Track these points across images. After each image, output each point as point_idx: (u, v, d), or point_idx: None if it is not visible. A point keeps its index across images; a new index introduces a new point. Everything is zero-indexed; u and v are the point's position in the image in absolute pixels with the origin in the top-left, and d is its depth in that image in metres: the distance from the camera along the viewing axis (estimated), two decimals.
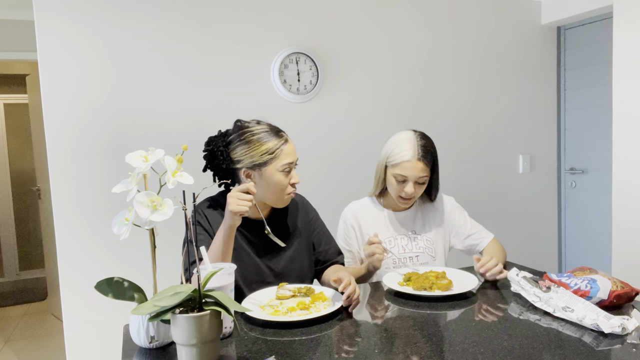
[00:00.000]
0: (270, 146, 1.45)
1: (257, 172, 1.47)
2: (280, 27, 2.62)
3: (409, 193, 1.70)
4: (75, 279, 2.27)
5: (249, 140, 1.46)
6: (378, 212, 1.85)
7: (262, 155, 1.45)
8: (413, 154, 1.68)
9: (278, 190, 1.49)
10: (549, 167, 3.39)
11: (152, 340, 1.13)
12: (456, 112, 3.07)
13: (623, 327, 1.13)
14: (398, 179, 1.71)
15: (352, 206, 1.88)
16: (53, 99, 2.22)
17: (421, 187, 1.74)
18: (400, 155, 1.70)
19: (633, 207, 2.47)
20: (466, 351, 1.08)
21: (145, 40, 2.36)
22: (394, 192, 1.75)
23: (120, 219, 1.07)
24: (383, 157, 1.78)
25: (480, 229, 1.87)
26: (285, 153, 1.47)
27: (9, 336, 3.67)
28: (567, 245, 3.41)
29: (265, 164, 1.46)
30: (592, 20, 3.11)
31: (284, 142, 1.48)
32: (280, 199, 1.52)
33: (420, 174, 1.69)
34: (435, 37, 2.98)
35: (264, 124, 1.52)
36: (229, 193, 1.38)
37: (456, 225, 1.86)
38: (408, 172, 1.68)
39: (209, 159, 1.53)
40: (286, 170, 1.48)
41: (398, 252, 1.79)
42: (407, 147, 1.70)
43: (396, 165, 1.70)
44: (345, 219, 1.86)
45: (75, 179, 2.26)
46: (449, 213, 1.87)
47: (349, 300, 1.33)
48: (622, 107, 2.49)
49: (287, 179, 1.49)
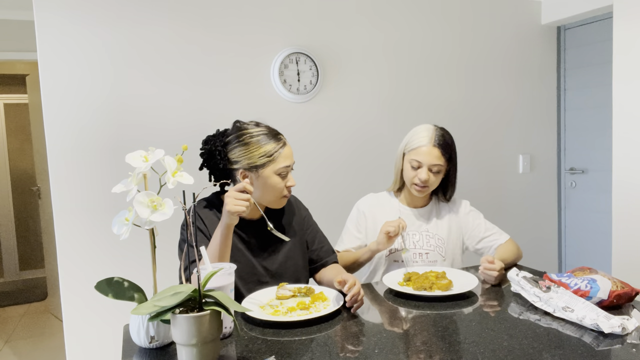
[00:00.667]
0: (269, 149, 1.46)
1: (254, 174, 1.48)
2: (280, 27, 2.62)
3: (422, 179, 1.72)
4: (75, 279, 2.27)
5: (247, 142, 1.47)
6: (393, 207, 1.87)
7: (260, 158, 1.46)
8: (429, 140, 1.72)
9: (274, 193, 1.50)
10: (549, 167, 3.39)
11: (152, 340, 1.13)
12: (456, 112, 3.07)
13: (623, 327, 1.13)
14: (413, 165, 1.74)
15: (368, 197, 1.92)
16: (53, 99, 2.22)
17: (436, 176, 1.75)
18: (417, 141, 1.74)
19: (633, 207, 2.46)
20: (466, 351, 1.08)
21: (145, 41, 2.36)
22: (409, 179, 1.77)
23: (120, 219, 1.07)
24: (401, 146, 1.82)
25: (495, 230, 1.87)
26: (283, 156, 1.48)
27: (9, 336, 3.68)
28: (567, 245, 3.41)
29: (263, 166, 1.46)
30: (592, 20, 3.11)
31: (282, 145, 1.49)
32: (275, 201, 1.53)
33: (435, 161, 1.71)
34: (436, 37, 2.98)
35: (263, 126, 1.53)
36: (226, 193, 1.38)
37: (470, 228, 1.87)
38: (423, 158, 1.71)
39: (206, 158, 1.53)
40: (283, 173, 1.49)
41: (409, 246, 1.80)
42: (424, 134, 1.75)
43: (412, 150, 1.74)
44: (359, 207, 1.89)
45: (75, 179, 2.26)
46: (464, 216, 1.88)
47: (353, 300, 1.33)
48: (622, 107, 2.49)
49: (283, 181, 1.50)
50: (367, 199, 1.91)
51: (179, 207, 1.06)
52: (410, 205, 1.87)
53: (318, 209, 1.79)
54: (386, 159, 2.87)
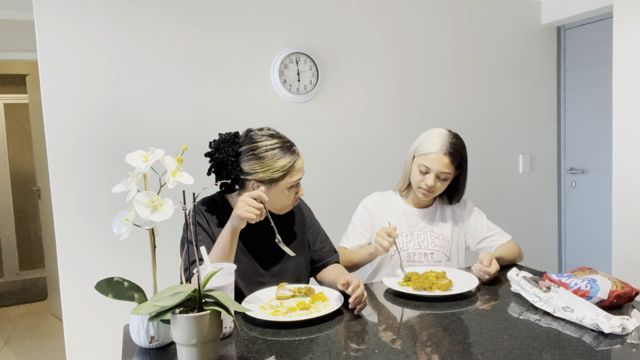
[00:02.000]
0: (284, 164, 1.45)
1: (267, 186, 1.47)
2: (280, 27, 2.62)
3: (429, 185, 1.72)
4: (75, 279, 2.27)
5: (262, 156, 1.45)
6: (399, 206, 1.87)
7: (274, 172, 1.45)
8: (441, 147, 1.72)
9: (284, 202, 1.52)
10: (549, 167, 3.39)
11: (152, 340, 1.13)
12: (456, 112, 3.07)
13: (623, 327, 1.13)
14: (421, 170, 1.74)
15: (374, 195, 1.92)
16: (53, 99, 2.22)
17: (443, 183, 1.75)
18: (429, 146, 1.74)
19: (633, 207, 2.46)
20: (466, 351, 1.08)
21: (145, 41, 2.36)
22: (415, 182, 1.78)
23: (120, 219, 1.07)
24: (412, 148, 1.82)
25: (497, 231, 1.87)
26: (296, 170, 1.49)
27: (9, 336, 3.67)
28: (567, 245, 3.41)
29: (277, 180, 1.46)
30: (592, 20, 3.11)
31: (297, 158, 1.49)
32: (283, 209, 1.55)
33: (444, 169, 1.71)
34: (436, 37, 2.98)
35: (277, 137, 1.49)
36: (240, 197, 1.39)
37: (472, 228, 1.87)
38: (432, 164, 1.71)
39: (216, 166, 1.49)
40: (294, 186, 1.50)
41: (413, 247, 1.80)
42: (436, 140, 1.74)
43: (422, 155, 1.74)
44: (366, 205, 1.89)
45: (75, 179, 2.26)
46: (467, 216, 1.89)
47: (357, 302, 1.33)
48: (622, 107, 2.49)
49: (292, 193, 1.51)
50: (373, 197, 1.91)
51: (179, 207, 1.06)
52: (415, 205, 1.88)
53: (318, 209, 1.79)
54: (386, 159, 2.87)
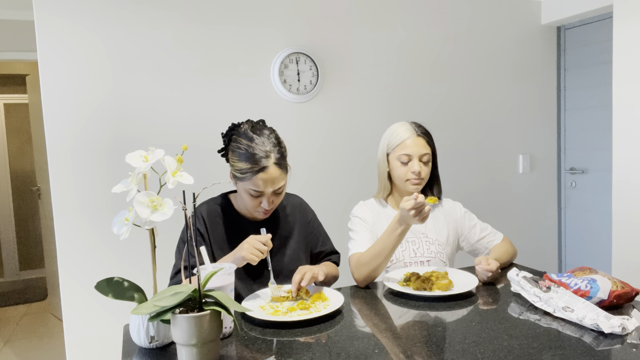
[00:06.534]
0: (241, 167, 1.45)
1: (233, 180, 1.52)
2: (280, 27, 2.62)
3: (416, 170, 1.68)
4: (75, 279, 2.27)
5: (233, 151, 1.49)
6: (387, 213, 1.79)
7: (236, 170, 1.48)
8: (412, 132, 1.72)
9: (246, 205, 1.53)
10: (549, 167, 3.39)
11: (152, 340, 1.13)
12: (456, 112, 3.07)
13: (623, 327, 1.13)
14: (402, 160, 1.70)
15: (360, 206, 1.80)
16: (53, 99, 2.22)
17: (427, 165, 1.72)
18: (400, 136, 1.72)
19: (633, 207, 2.46)
20: (466, 351, 1.08)
21: (145, 41, 2.36)
22: (401, 176, 1.71)
23: (120, 219, 1.07)
24: (382, 149, 1.78)
25: (490, 231, 1.84)
26: (256, 180, 1.43)
27: (9, 336, 3.67)
28: (567, 245, 3.41)
29: (239, 179, 1.48)
30: (592, 20, 3.11)
31: (258, 170, 1.42)
32: (248, 213, 1.57)
33: (423, 150, 1.70)
34: (436, 37, 2.98)
35: (255, 141, 1.45)
36: (247, 239, 1.41)
37: (465, 230, 1.84)
38: (411, 150, 1.70)
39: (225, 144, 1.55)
40: (254, 194, 1.47)
41: (409, 256, 1.75)
42: (403, 128, 1.74)
43: (398, 146, 1.72)
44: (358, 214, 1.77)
45: (75, 179, 2.26)
46: (460, 219, 1.84)
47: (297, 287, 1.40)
48: (622, 107, 2.49)
49: (256, 201, 1.49)
50: (360, 207, 1.80)
51: (178, 207, 1.06)
52: None
53: (317, 209, 1.79)
54: None
